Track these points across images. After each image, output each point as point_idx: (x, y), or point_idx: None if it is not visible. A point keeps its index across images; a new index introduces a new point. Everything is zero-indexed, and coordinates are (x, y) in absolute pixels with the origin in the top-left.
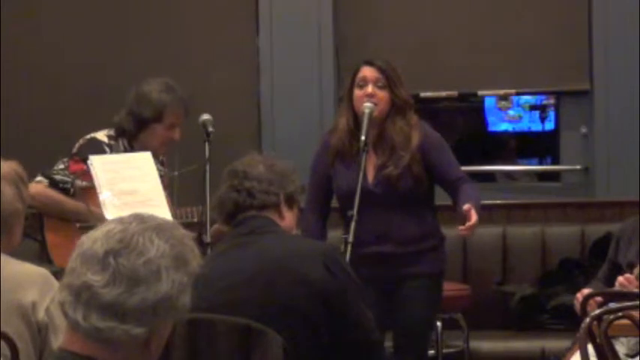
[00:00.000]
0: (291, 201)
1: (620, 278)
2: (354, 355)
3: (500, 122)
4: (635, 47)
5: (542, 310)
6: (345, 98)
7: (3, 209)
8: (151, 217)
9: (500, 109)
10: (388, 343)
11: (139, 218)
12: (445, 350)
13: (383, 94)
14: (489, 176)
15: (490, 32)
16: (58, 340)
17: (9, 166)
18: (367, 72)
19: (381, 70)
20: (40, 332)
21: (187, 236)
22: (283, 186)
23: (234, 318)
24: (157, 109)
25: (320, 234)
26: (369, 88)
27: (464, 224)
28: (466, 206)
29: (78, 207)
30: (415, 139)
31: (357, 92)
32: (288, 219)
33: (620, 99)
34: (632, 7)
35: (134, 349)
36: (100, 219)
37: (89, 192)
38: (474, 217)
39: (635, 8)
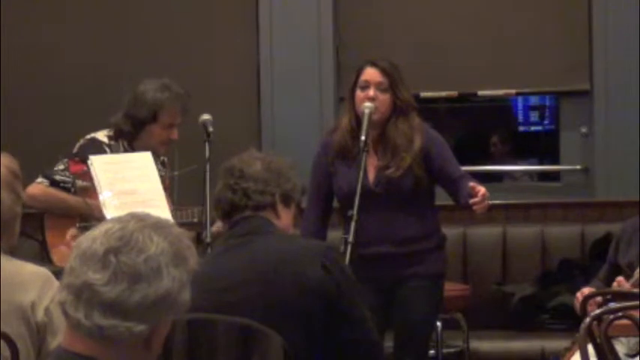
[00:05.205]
0: (287, 200)
1: (615, 283)
2: (352, 355)
3: (500, 122)
4: (635, 47)
5: (542, 310)
6: (347, 97)
7: (3, 215)
8: (148, 216)
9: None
10: (388, 343)
11: (136, 217)
12: (445, 350)
13: (385, 97)
14: (489, 176)
15: (490, 32)
16: (57, 340)
17: (3, 166)
18: (370, 75)
19: (384, 72)
20: (39, 332)
21: (184, 234)
22: (280, 185)
23: (235, 318)
24: (152, 109)
25: (319, 234)
26: (371, 92)
27: (472, 205)
28: (472, 183)
29: (79, 202)
30: (418, 141)
31: (359, 94)
32: (284, 218)
33: (620, 99)
34: (632, 7)
35: (136, 348)
36: (100, 212)
37: (89, 192)
38: (482, 188)
39: (635, 8)
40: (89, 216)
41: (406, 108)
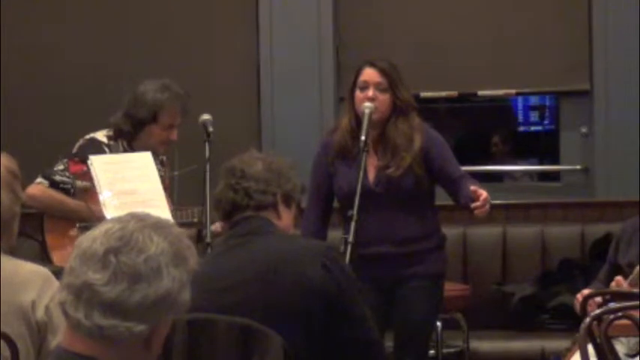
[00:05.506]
0: (288, 200)
1: (613, 283)
2: (353, 355)
3: (500, 122)
4: (635, 47)
5: (542, 310)
6: (347, 98)
7: (2, 215)
8: (148, 216)
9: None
10: (388, 343)
11: (136, 217)
12: (445, 350)
13: (384, 98)
14: (490, 176)
15: (490, 32)
16: (57, 339)
17: (2, 166)
18: (369, 75)
19: (383, 72)
20: (39, 331)
21: (184, 234)
22: (280, 185)
23: (235, 318)
24: (152, 109)
25: (319, 234)
26: (370, 92)
27: (473, 209)
28: (472, 187)
29: (79, 206)
30: (418, 141)
31: (358, 94)
32: (285, 218)
33: (620, 99)
34: (632, 7)
35: (136, 348)
36: (100, 218)
37: (89, 192)
38: (483, 192)
39: (635, 8)
40: (89, 219)
41: (406, 108)
